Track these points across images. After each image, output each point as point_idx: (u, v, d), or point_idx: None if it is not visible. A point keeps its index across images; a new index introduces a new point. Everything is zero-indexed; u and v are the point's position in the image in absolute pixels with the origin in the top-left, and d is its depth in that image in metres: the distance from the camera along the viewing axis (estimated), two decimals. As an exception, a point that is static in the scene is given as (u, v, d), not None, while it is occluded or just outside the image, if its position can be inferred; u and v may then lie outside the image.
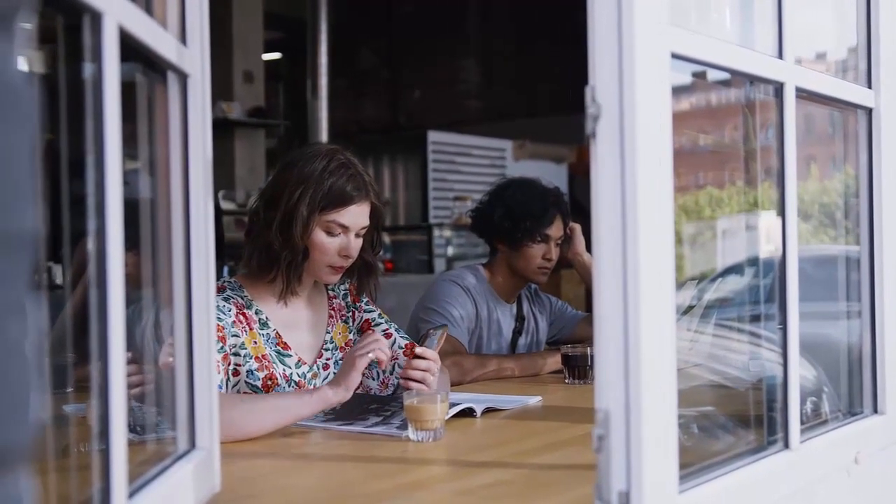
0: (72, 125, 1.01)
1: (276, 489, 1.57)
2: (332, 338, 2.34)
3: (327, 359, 2.32)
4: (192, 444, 1.36)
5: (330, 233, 2.19)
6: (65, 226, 1.08)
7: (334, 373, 2.28)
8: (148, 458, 1.31)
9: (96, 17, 0.98)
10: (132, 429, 1.22)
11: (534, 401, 2.35)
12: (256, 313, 2.22)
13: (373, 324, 2.38)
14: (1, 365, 0.52)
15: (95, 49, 0.99)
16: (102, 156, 0.99)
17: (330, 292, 2.39)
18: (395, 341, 2.35)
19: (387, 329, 2.38)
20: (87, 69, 1.00)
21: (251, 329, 2.18)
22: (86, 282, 1.44)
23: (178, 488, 1.25)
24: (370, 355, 2.00)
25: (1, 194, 0.52)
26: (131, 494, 1.07)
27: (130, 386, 1.10)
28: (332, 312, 2.37)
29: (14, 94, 0.53)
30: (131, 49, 1.09)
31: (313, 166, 2.17)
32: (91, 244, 0.99)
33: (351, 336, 2.38)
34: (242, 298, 2.21)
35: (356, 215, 2.20)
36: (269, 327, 2.22)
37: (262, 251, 2.19)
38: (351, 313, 2.40)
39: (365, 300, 2.42)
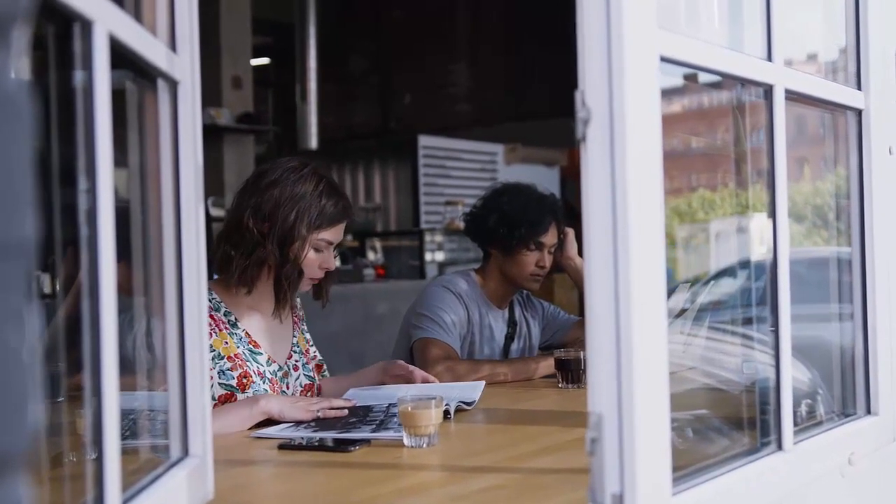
0: (61, 132, 1.01)
1: (269, 496, 1.57)
2: (297, 342, 2.45)
3: (296, 361, 2.42)
4: (185, 452, 1.36)
5: (317, 249, 2.29)
6: (55, 234, 1.07)
7: (304, 374, 2.41)
8: (140, 466, 1.30)
9: (87, 25, 0.98)
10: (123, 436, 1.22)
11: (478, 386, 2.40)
12: (225, 315, 2.28)
13: (309, 345, 2.51)
14: (0, 371, 0.52)
15: (86, 56, 0.99)
16: (94, 163, 0.99)
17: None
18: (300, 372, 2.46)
19: (316, 355, 2.52)
20: (78, 76, 1.00)
21: (221, 330, 2.25)
22: (76, 290, 1.43)
23: (172, 496, 1.25)
24: (313, 414, 2.09)
25: (1, 203, 0.52)
26: (124, 502, 1.07)
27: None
28: (296, 319, 2.48)
29: (12, 103, 0.53)
30: (120, 56, 1.09)
31: (304, 187, 2.26)
32: (83, 252, 0.99)
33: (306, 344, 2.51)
34: (210, 301, 2.24)
35: (341, 232, 2.34)
36: (239, 328, 2.28)
37: (255, 265, 2.25)
38: (304, 325, 2.52)
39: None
